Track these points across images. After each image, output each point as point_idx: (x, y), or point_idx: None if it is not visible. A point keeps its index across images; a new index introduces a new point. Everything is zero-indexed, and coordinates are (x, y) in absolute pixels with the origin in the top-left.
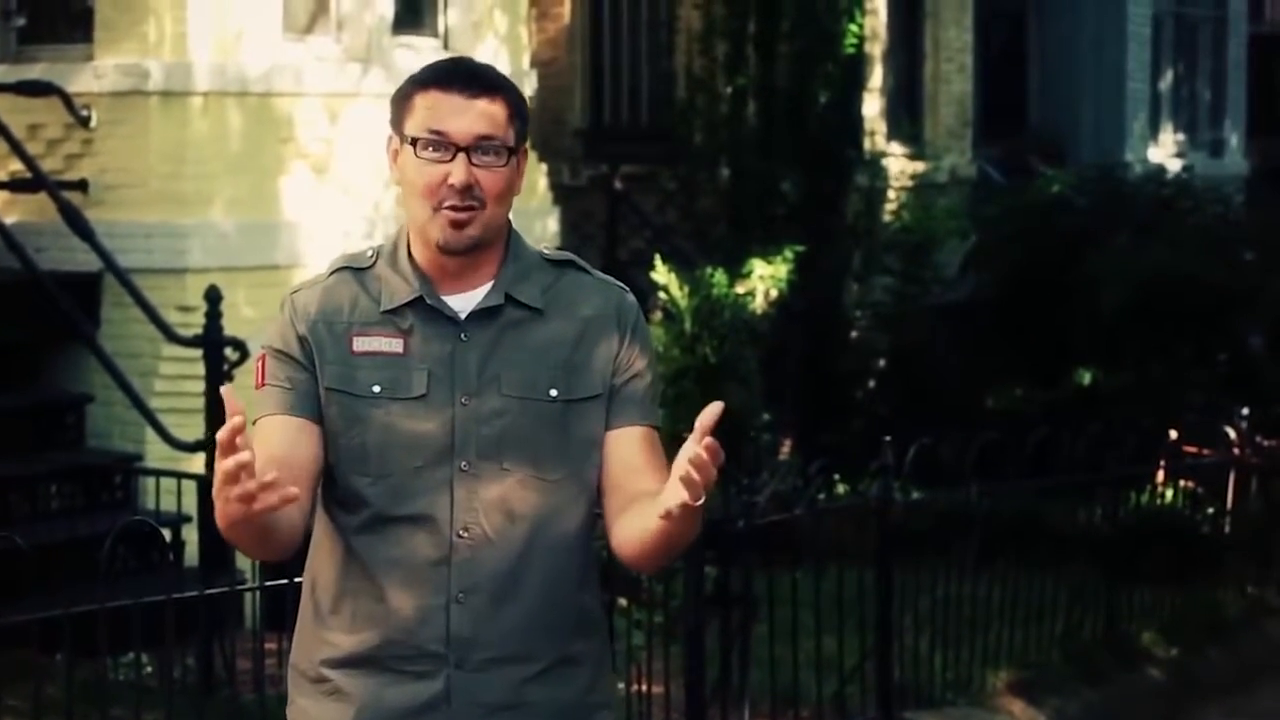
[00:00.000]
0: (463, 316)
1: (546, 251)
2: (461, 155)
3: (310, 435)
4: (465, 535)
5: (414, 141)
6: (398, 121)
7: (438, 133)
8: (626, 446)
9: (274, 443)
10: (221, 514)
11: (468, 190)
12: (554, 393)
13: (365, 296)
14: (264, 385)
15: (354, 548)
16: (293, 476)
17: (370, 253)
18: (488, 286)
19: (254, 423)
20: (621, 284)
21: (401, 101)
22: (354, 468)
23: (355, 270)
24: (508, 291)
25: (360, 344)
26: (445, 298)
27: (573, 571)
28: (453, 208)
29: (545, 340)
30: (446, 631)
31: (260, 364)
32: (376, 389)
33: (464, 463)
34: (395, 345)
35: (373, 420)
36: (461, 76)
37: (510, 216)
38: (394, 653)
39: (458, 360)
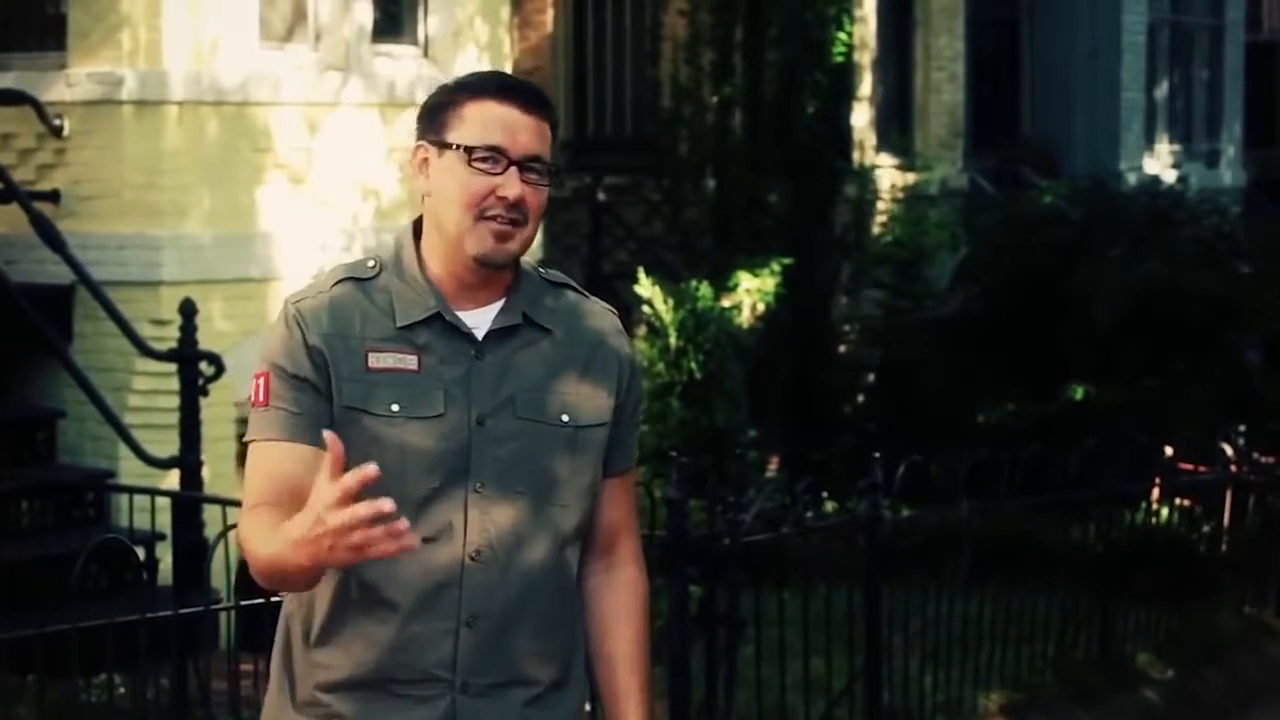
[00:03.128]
0: (479, 335)
1: (542, 270)
2: (513, 169)
3: (313, 465)
4: (477, 559)
5: (468, 150)
6: (439, 129)
7: (494, 146)
8: (615, 501)
9: (279, 473)
10: (302, 562)
11: (517, 205)
12: (565, 418)
13: (375, 310)
14: (267, 405)
15: (361, 569)
16: (297, 500)
17: (371, 262)
18: (499, 304)
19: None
20: (612, 309)
21: (445, 109)
22: (372, 489)
23: (359, 281)
24: (525, 311)
25: (376, 360)
26: (459, 314)
27: (571, 597)
28: (498, 218)
29: (556, 364)
30: (454, 656)
31: (262, 381)
32: (395, 408)
33: (478, 484)
34: (410, 362)
35: (391, 440)
36: (519, 92)
37: None
38: (397, 676)
39: (474, 380)
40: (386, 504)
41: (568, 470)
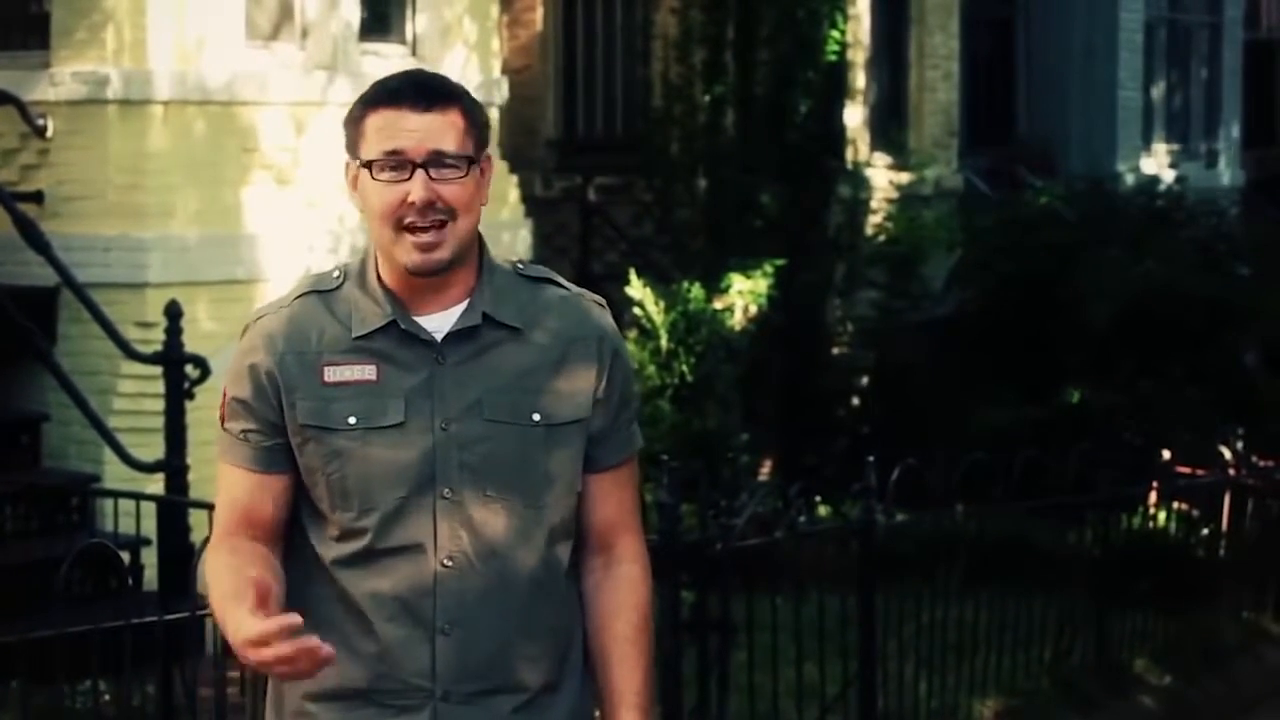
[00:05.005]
0: (439, 338)
1: (520, 266)
2: (419, 172)
3: (272, 491)
4: (450, 565)
5: (369, 164)
6: (352, 145)
7: (392, 152)
8: (607, 498)
9: (238, 501)
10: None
11: (430, 207)
12: (536, 417)
13: (334, 322)
14: (225, 428)
15: (337, 581)
16: (257, 538)
17: (337, 273)
18: (462, 305)
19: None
20: (600, 300)
21: (353, 125)
22: (337, 503)
23: (321, 293)
24: (485, 311)
25: (332, 374)
26: (419, 319)
27: (556, 599)
28: (414, 227)
29: (526, 362)
30: (432, 664)
31: (223, 404)
32: (352, 420)
33: (446, 490)
34: (368, 373)
35: (351, 453)
36: (411, 91)
37: (480, 230)
38: (379, 686)
39: (436, 385)
40: (299, 630)
41: (543, 470)
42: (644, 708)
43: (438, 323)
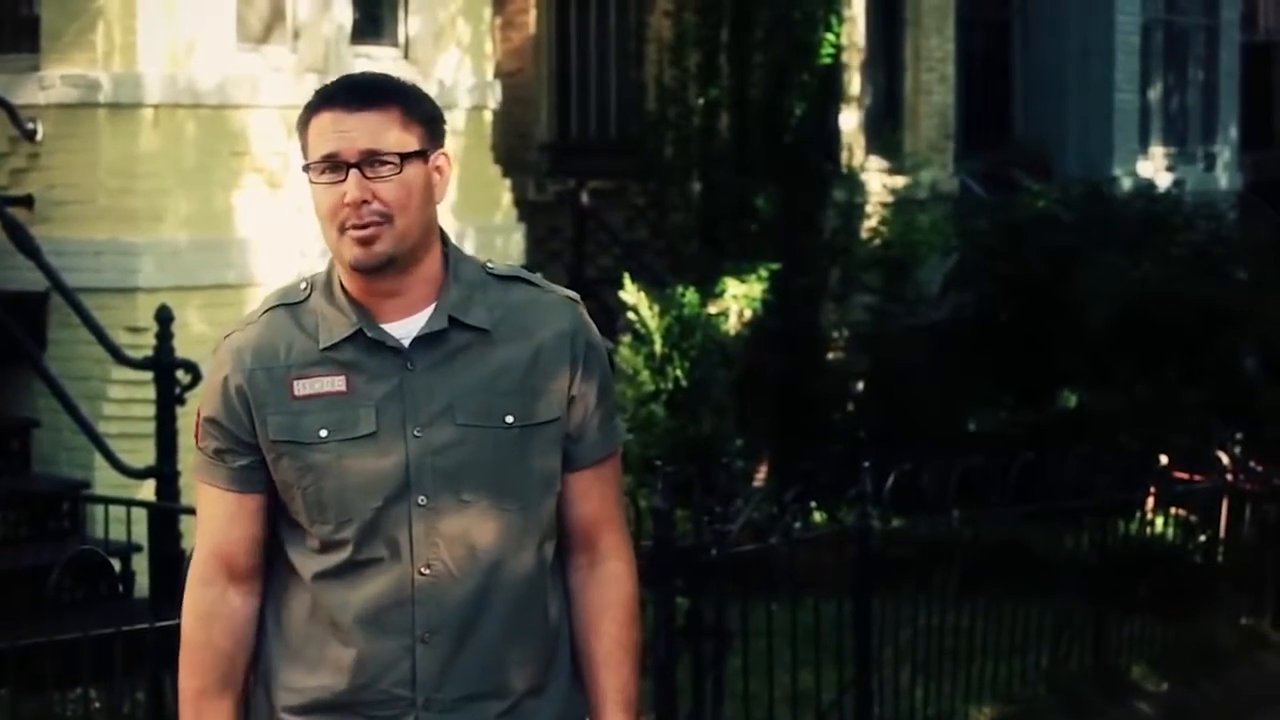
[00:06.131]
0: (406, 344)
1: (490, 266)
2: (354, 172)
3: (248, 511)
4: (427, 572)
5: (307, 169)
6: (302, 153)
7: (328, 155)
8: (589, 495)
9: (217, 521)
10: None
11: (364, 205)
12: (510, 419)
13: (302, 335)
14: (199, 448)
15: (315, 593)
16: (233, 561)
17: (304, 285)
18: (429, 310)
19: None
20: (573, 295)
21: (300, 132)
22: (314, 516)
23: (289, 306)
24: (451, 314)
25: (301, 387)
26: (386, 326)
27: (539, 601)
28: (355, 225)
29: (497, 364)
30: (413, 674)
31: (197, 424)
32: (323, 433)
33: (421, 497)
34: (338, 384)
35: (325, 466)
36: (343, 93)
37: (445, 229)
38: (359, 698)
39: (406, 392)
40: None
41: (519, 471)
42: (628, 706)
43: (405, 328)
